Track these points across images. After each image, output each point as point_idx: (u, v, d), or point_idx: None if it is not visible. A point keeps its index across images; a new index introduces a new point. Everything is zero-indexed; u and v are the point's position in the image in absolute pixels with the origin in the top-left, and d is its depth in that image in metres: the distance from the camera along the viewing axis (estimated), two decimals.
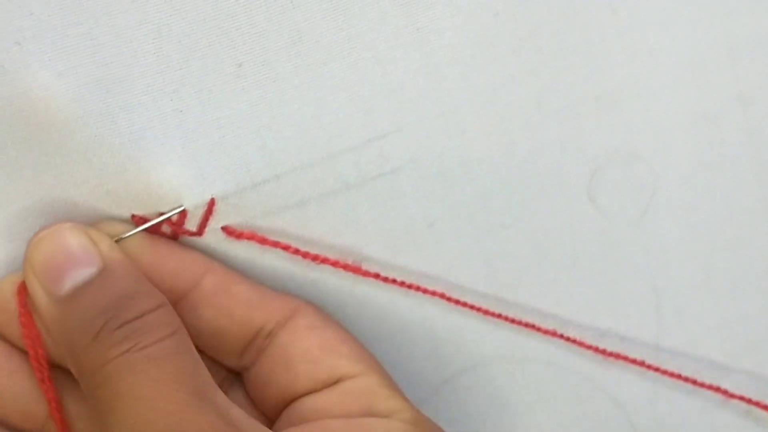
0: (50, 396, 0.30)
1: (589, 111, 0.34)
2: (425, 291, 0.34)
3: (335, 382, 0.31)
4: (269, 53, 0.31)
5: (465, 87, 0.33)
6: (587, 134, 0.34)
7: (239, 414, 0.28)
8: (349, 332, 0.33)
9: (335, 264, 0.33)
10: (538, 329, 0.35)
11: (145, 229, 0.31)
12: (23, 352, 0.30)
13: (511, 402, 0.37)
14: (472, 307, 0.34)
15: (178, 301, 0.31)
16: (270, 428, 0.31)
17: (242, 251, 0.32)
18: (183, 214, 0.31)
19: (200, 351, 0.31)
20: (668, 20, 0.33)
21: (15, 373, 0.30)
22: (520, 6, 0.32)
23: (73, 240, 0.29)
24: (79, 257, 0.29)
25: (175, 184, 0.31)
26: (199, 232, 0.32)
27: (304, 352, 0.31)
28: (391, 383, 0.32)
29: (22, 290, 0.30)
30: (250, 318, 0.31)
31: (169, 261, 0.31)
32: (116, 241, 0.31)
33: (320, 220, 0.33)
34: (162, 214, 0.31)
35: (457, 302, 0.34)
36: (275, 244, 0.32)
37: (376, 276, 0.33)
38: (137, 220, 0.31)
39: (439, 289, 0.34)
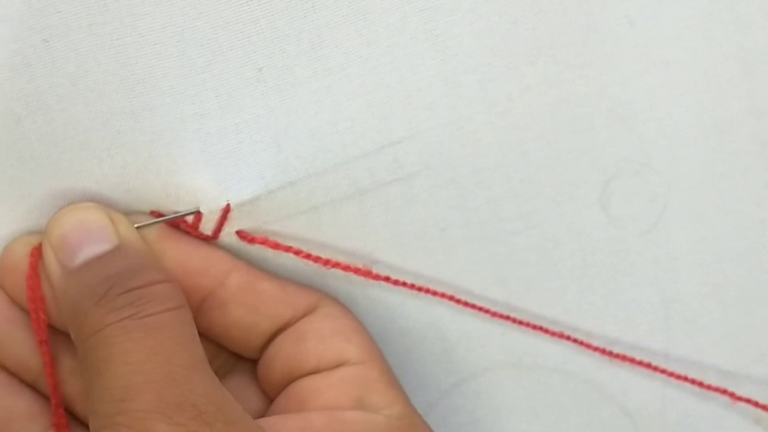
0: (46, 357, 0.30)
1: (602, 121, 0.34)
2: (435, 293, 0.34)
3: (338, 365, 0.32)
4: (289, 57, 0.31)
5: (481, 95, 0.33)
6: (600, 144, 0.34)
7: (227, 393, 0.28)
8: (365, 327, 0.33)
9: (346, 268, 0.33)
10: (546, 331, 0.35)
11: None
12: (27, 312, 0.31)
13: (519, 408, 0.37)
14: (480, 308, 0.35)
15: (204, 298, 0.31)
16: (269, 405, 0.32)
17: (255, 255, 0.33)
18: (198, 216, 0.32)
19: (224, 347, 0.31)
20: (683, 32, 0.33)
21: (15, 323, 0.30)
22: (538, 15, 0.32)
23: (92, 217, 0.30)
24: (95, 234, 0.29)
25: (193, 187, 0.31)
26: (214, 236, 0.32)
27: (316, 332, 0.32)
28: (391, 378, 0.32)
29: (35, 253, 0.30)
30: (277, 313, 0.32)
31: (194, 259, 0.31)
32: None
33: (333, 224, 0.33)
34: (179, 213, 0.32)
35: (465, 304, 0.35)
36: (287, 249, 0.32)
37: (386, 279, 0.34)
38: (156, 216, 0.32)
39: (448, 293, 0.34)
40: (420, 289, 0.34)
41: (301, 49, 0.31)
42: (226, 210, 0.32)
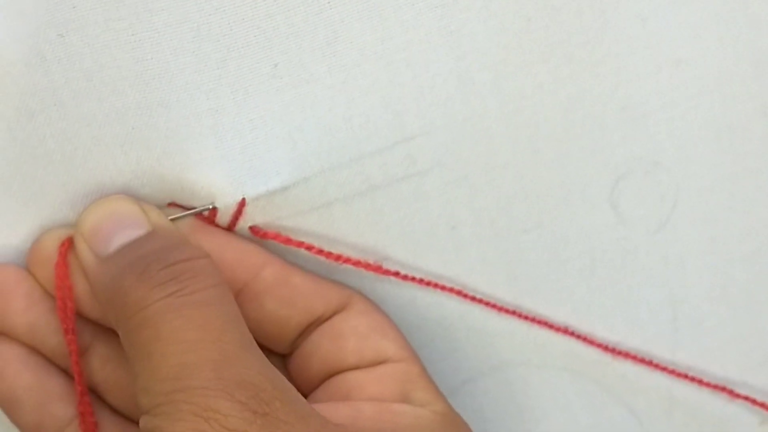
0: (72, 346, 0.30)
1: (614, 120, 0.34)
2: (443, 288, 0.34)
3: (380, 362, 0.32)
4: (305, 53, 0.31)
5: (494, 92, 0.33)
6: (612, 144, 0.34)
7: (278, 372, 0.28)
8: (396, 325, 0.33)
9: (357, 264, 0.33)
10: (551, 326, 0.35)
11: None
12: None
13: (527, 407, 0.37)
14: (487, 303, 0.35)
15: (238, 291, 0.31)
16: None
17: (268, 249, 0.33)
18: (214, 211, 0.32)
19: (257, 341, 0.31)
20: (695, 32, 0.33)
21: (52, 312, 0.30)
22: (552, 13, 0.32)
23: (124, 206, 0.30)
24: (128, 221, 0.29)
25: (208, 182, 0.31)
26: (229, 230, 0.32)
27: (354, 329, 0.32)
28: (429, 375, 0.32)
29: (65, 244, 0.30)
30: (311, 307, 0.32)
31: (227, 252, 0.31)
32: None
33: (345, 220, 0.33)
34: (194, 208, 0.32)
35: (473, 299, 0.35)
36: (299, 245, 0.32)
37: (396, 274, 0.33)
38: (173, 208, 0.32)
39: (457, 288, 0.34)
40: (429, 283, 0.34)
41: (317, 45, 0.31)
42: (241, 205, 0.32)
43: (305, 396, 0.32)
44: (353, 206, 0.33)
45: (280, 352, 0.33)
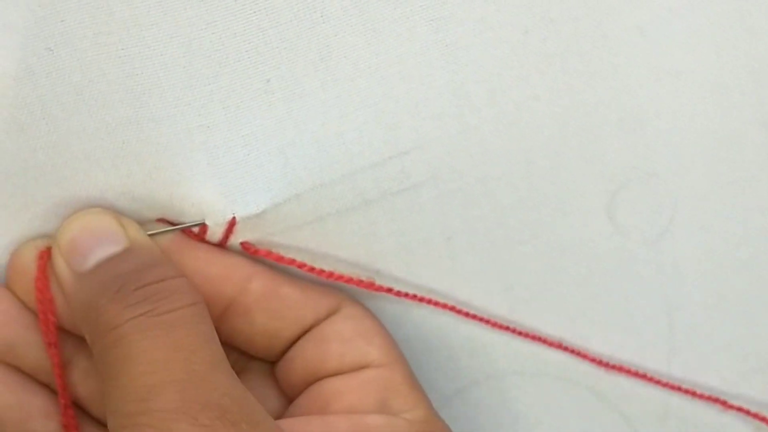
0: (55, 359, 0.30)
1: (611, 132, 0.34)
2: (437, 304, 0.34)
3: (362, 367, 0.31)
4: (297, 68, 0.31)
5: (489, 105, 0.33)
6: (608, 155, 0.34)
7: (247, 392, 0.28)
8: (386, 329, 0.33)
9: (349, 281, 0.33)
10: (545, 341, 0.35)
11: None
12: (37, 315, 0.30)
13: (522, 416, 0.37)
14: (481, 319, 0.35)
15: (226, 306, 0.31)
16: (289, 405, 0.31)
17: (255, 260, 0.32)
18: (203, 228, 0.31)
19: (246, 353, 0.31)
20: (693, 43, 0.33)
21: (29, 327, 0.30)
22: (549, 25, 0.32)
23: (101, 221, 0.29)
24: (105, 237, 0.29)
25: (198, 199, 0.31)
26: (219, 246, 0.32)
27: (338, 333, 0.31)
28: (413, 381, 0.32)
29: (43, 256, 0.30)
30: (301, 317, 0.32)
31: (213, 267, 0.31)
32: None
33: (338, 234, 0.33)
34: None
35: (467, 314, 0.34)
36: (291, 262, 0.32)
37: (389, 290, 0.33)
38: (162, 223, 0.31)
39: (452, 303, 0.34)
40: (422, 299, 0.34)
41: (310, 59, 0.31)
42: (232, 223, 0.31)
43: (289, 401, 0.32)
44: (347, 221, 0.33)
45: (269, 359, 0.33)
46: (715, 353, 0.37)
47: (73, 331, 0.30)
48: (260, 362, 0.33)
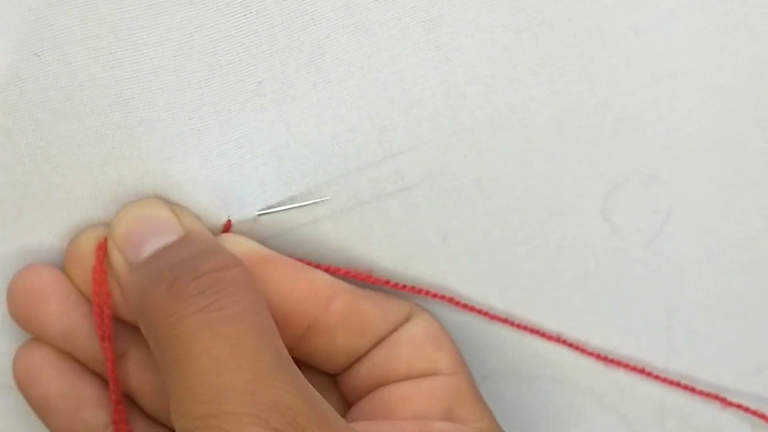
0: (108, 354, 0.29)
1: (608, 133, 0.34)
2: (434, 295, 0.34)
3: (430, 374, 0.31)
4: (290, 70, 0.30)
5: (484, 106, 0.32)
6: (605, 156, 0.34)
7: (314, 390, 0.27)
8: (453, 339, 0.32)
9: (347, 274, 0.32)
10: (543, 335, 0.35)
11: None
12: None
13: (519, 417, 0.37)
14: (479, 311, 0.34)
15: (308, 326, 0.30)
16: (350, 408, 0.31)
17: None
18: None
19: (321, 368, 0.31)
20: (691, 43, 0.33)
21: (87, 316, 0.30)
22: (542, 25, 0.32)
23: (156, 211, 0.29)
24: (159, 226, 0.28)
25: (192, 203, 0.31)
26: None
27: (411, 338, 0.31)
28: (478, 392, 0.32)
29: (101, 247, 0.29)
30: (379, 332, 0.31)
31: (300, 285, 0.30)
32: None
33: (333, 236, 0.33)
34: None
35: (465, 306, 0.34)
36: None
37: (386, 283, 0.33)
38: None
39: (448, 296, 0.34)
40: (420, 291, 0.34)
41: (301, 61, 0.30)
42: (227, 226, 0.31)
43: (351, 405, 0.32)
44: (342, 222, 0.32)
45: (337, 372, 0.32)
46: (714, 355, 0.37)
47: (131, 322, 0.30)
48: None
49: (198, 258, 0.27)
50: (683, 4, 0.32)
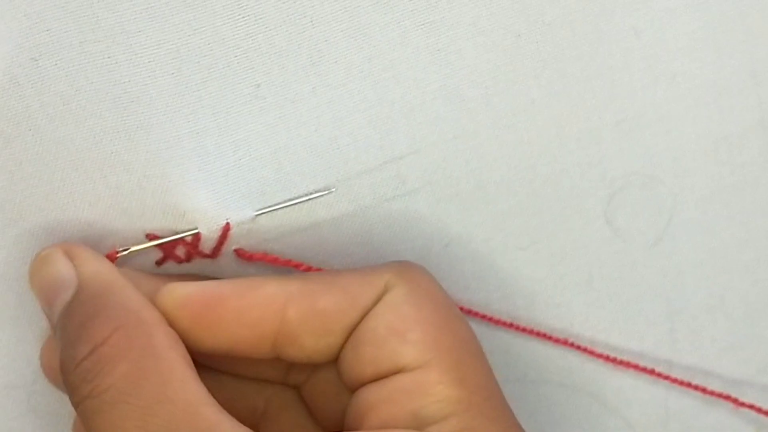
0: None
1: (609, 135, 0.33)
2: None
3: (395, 372, 0.28)
4: (288, 73, 0.30)
5: (484, 109, 0.32)
6: (607, 159, 0.34)
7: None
8: (439, 309, 0.29)
9: None
10: (550, 338, 0.35)
11: (165, 251, 0.31)
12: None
13: (524, 423, 0.36)
14: (483, 317, 0.34)
15: (273, 341, 0.29)
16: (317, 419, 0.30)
17: (254, 271, 0.32)
18: (197, 236, 0.31)
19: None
20: (692, 44, 0.33)
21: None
22: (542, 28, 0.32)
23: (52, 267, 0.29)
24: (58, 285, 0.29)
25: (191, 206, 0.30)
26: (213, 255, 0.31)
27: (372, 333, 0.29)
28: (453, 377, 0.28)
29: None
30: (347, 324, 0.29)
31: (249, 311, 0.29)
32: (124, 251, 0.30)
33: (334, 240, 0.32)
34: (177, 234, 0.31)
35: (469, 312, 0.34)
36: (287, 263, 0.32)
37: None
38: (152, 238, 0.31)
39: None
40: None
41: (300, 64, 0.30)
42: (226, 229, 0.31)
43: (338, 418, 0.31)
44: (342, 226, 0.32)
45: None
46: (717, 356, 0.37)
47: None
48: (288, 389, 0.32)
49: (79, 332, 0.27)
50: (681, 5, 0.32)
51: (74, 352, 0.27)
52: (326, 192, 0.31)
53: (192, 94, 0.30)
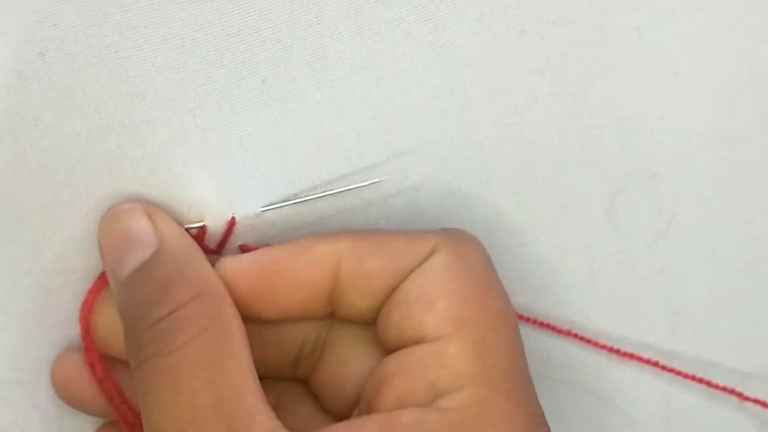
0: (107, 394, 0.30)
1: (611, 133, 0.34)
2: None
3: (416, 341, 0.28)
4: (293, 68, 0.30)
5: (487, 106, 0.32)
6: (609, 156, 0.34)
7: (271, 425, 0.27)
8: (473, 280, 0.29)
9: None
10: (553, 329, 0.35)
11: None
12: None
13: None
14: None
15: (327, 301, 0.29)
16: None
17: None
18: (203, 230, 0.31)
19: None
20: (693, 43, 0.33)
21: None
22: (546, 26, 0.32)
23: (131, 221, 0.29)
24: (135, 241, 0.28)
25: (196, 201, 0.31)
26: (218, 250, 0.31)
27: (402, 300, 0.28)
28: (472, 350, 0.27)
29: (100, 280, 0.30)
30: (386, 288, 0.29)
31: (302, 272, 0.29)
32: None
33: None
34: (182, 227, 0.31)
35: None
36: None
37: None
38: None
39: None
40: None
41: (305, 60, 0.30)
42: (231, 223, 0.31)
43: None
44: (346, 221, 0.32)
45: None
46: (719, 355, 0.37)
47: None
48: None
49: (158, 295, 0.27)
50: (684, 4, 0.32)
51: (150, 312, 0.27)
52: (377, 180, 0.31)
53: (197, 89, 0.30)
